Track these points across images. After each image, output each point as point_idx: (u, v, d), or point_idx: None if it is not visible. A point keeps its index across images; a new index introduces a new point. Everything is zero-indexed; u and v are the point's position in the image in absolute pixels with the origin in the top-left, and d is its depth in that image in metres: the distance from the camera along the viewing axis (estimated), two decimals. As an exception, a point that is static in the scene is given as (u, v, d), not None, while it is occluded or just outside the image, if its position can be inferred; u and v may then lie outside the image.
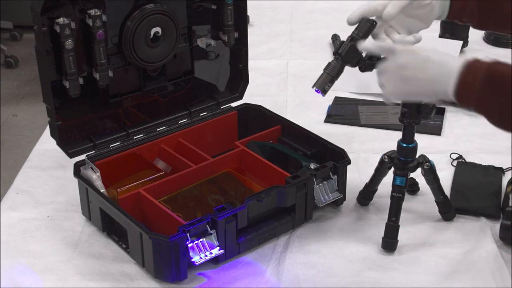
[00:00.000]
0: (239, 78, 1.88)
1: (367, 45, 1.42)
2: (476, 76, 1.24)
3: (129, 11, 1.64)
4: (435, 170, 1.58)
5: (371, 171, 1.64)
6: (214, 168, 1.68)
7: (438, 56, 1.32)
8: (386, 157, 1.58)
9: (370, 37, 1.45)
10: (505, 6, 1.43)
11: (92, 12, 1.55)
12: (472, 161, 1.81)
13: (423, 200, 1.68)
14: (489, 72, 1.24)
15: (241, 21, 1.81)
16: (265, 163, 1.68)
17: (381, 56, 1.40)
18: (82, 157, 1.63)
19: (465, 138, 1.93)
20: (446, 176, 1.72)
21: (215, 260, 1.49)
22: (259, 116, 1.86)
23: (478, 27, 1.52)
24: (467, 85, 1.25)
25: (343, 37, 1.43)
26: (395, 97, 1.38)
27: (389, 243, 1.53)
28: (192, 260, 1.42)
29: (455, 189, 1.71)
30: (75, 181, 1.61)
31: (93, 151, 1.66)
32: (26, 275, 1.48)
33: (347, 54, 1.44)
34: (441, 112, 2.03)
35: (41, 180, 1.78)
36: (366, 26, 1.43)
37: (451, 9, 1.46)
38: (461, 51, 2.28)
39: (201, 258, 1.43)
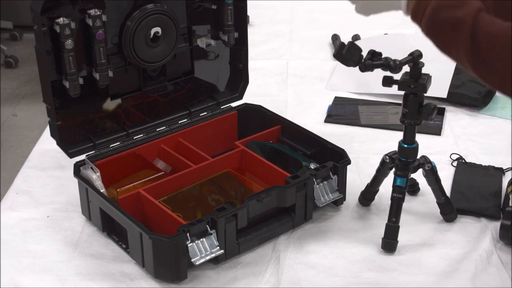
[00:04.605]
0: (239, 78, 1.88)
1: None
2: (424, 14, 1.26)
3: (129, 11, 1.64)
4: (436, 171, 1.57)
5: (371, 171, 1.64)
6: (214, 168, 1.68)
7: None
8: (388, 157, 1.58)
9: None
10: None
11: (92, 12, 1.55)
12: (472, 162, 1.81)
13: (424, 201, 1.68)
14: (432, 18, 1.25)
15: (241, 21, 1.81)
16: (265, 163, 1.68)
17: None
18: (82, 157, 1.63)
19: (465, 138, 1.93)
20: (446, 177, 1.72)
21: (215, 260, 1.49)
22: (259, 116, 1.85)
23: None
24: (417, 18, 1.27)
25: (343, 37, 1.43)
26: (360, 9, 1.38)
27: (389, 243, 1.53)
28: (192, 260, 1.42)
29: (455, 190, 1.71)
30: (75, 181, 1.61)
31: (93, 151, 1.66)
32: (26, 275, 1.48)
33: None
34: (441, 112, 2.02)
35: (41, 180, 1.78)
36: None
37: None
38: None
39: (201, 258, 1.43)
